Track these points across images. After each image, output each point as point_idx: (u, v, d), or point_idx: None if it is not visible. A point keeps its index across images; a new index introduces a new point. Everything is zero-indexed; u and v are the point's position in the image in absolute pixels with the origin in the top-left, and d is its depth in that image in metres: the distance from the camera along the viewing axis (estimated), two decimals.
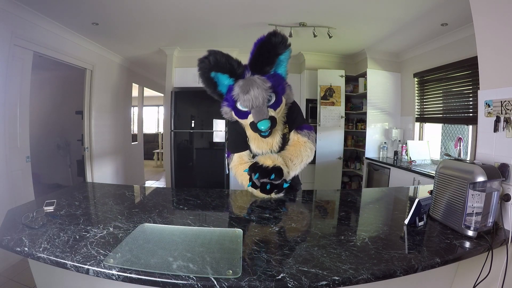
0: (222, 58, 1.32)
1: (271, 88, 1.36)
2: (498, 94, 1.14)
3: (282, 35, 1.33)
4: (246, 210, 1.32)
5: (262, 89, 1.32)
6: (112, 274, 0.75)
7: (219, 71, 1.35)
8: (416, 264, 0.81)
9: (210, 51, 1.33)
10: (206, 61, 1.32)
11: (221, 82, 1.40)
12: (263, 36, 1.32)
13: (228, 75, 1.37)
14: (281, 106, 1.41)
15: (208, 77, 1.37)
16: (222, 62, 1.32)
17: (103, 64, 3.81)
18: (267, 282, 0.71)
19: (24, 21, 2.41)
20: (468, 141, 2.81)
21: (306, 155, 1.49)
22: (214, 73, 1.36)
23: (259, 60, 1.36)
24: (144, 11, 2.59)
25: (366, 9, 2.46)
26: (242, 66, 1.38)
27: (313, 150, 1.52)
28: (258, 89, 1.31)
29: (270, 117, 1.33)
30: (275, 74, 1.42)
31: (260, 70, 1.37)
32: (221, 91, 1.43)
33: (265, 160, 1.39)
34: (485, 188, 0.98)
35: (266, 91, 1.33)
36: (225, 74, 1.37)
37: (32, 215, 1.06)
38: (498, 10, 1.16)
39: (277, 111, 1.39)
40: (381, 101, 3.75)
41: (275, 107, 1.38)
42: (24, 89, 2.48)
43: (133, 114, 5.56)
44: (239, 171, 1.57)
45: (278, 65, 1.42)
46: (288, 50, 1.38)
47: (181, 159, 3.78)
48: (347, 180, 4.18)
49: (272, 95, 1.37)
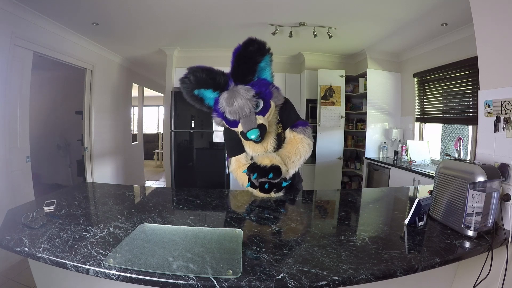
0: (202, 75, 1.32)
1: (256, 95, 1.35)
2: (498, 94, 1.14)
3: (259, 42, 1.31)
4: (246, 210, 1.32)
5: (246, 99, 1.31)
6: (112, 274, 0.75)
7: (202, 87, 1.36)
8: (416, 264, 0.81)
9: (190, 69, 1.33)
10: (187, 81, 1.33)
11: (207, 96, 1.42)
12: (239, 46, 1.32)
13: (211, 90, 1.38)
14: (270, 110, 1.41)
15: (192, 95, 1.40)
16: (202, 78, 1.33)
17: (103, 64, 3.81)
18: (267, 282, 0.71)
19: (24, 21, 2.41)
20: (468, 141, 2.81)
21: (304, 151, 1.48)
22: (197, 91, 1.38)
23: (239, 71, 1.35)
24: (144, 11, 2.59)
25: (366, 9, 2.46)
26: (225, 78, 1.36)
27: (310, 145, 1.51)
28: (242, 100, 1.30)
29: (259, 125, 1.34)
30: (259, 80, 1.41)
31: (242, 79, 1.36)
32: (209, 104, 1.45)
33: (262, 160, 1.40)
34: (485, 188, 0.98)
35: (251, 100, 1.32)
36: (208, 89, 1.38)
37: (32, 215, 1.06)
38: (498, 10, 1.16)
39: (266, 116, 1.39)
40: (381, 101, 3.75)
41: (263, 113, 1.38)
42: (24, 89, 2.48)
43: (133, 114, 5.56)
44: (238, 173, 1.57)
45: (261, 72, 1.41)
46: (266, 56, 1.36)
47: (181, 159, 3.78)
48: (347, 180, 4.18)
49: (260, 101, 1.37)
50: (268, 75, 1.44)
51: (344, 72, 3.78)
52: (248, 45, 1.30)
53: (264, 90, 1.38)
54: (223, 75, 1.36)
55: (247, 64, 1.34)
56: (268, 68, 1.42)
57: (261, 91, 1.37)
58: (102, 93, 3.81)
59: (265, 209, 1.30)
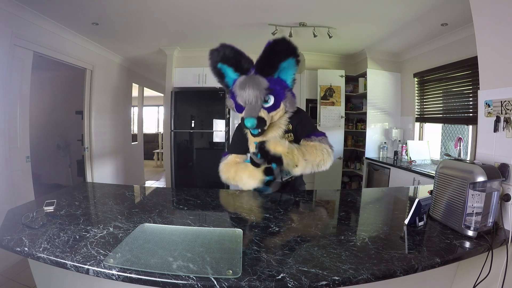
0: (231, 53, 1.42)
1: (269, 90, 1.39)
2: (498, 94, 1.14)
3: (288, 43, 1.36)
4: (246, 210, 1.32)
5: (257, 88, 1.36)
6: (112, 274, 0.75)
7: (225, 63, 1.44)
8: (416, 264, 0.81)
9: (223, 44, 1.43)
10: (215, 53, 1.44)
11: (228, 74, 1.49)
12: (271, 41, 1.37)
13: (233, 69, 1.45)
14: (278, 111, 1.43)
15: (215, 67, 1.48)
16: (229, 56, 1.42)
17: (103, 64, 3.81)
18: (267, 282, 0.71)
19: (24, 21, 2.41)
20: (468, 141, 2.81)
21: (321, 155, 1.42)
22: (221, 65, 1.46)
23: (262, 63, 1.40)
24: (144, 11, 2.59)
25: (366, 9, 2.46)
26: (250, 64, 1.43)
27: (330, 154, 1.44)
28: (254, 87, 1.36)
29: (258, 117, 1.36)
30: (278, 79, 1.44)
31: (263, 71, 1.41)
32: (228, 82, 1.51)
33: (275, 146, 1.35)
34: (485, 188, 0.98)
35: (261, 91, 1.37)
36: (230, 67, 1.45)
37: (32, 215, 1.06)
38: (498, 10, 1.16)
39: (271, 114, 1.42)
40: (381, 101, 3.75)
41: (269, 110, 1.41)
42: (24, 89, 2.48)
43: (133, 114, 5.56)
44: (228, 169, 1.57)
45: (282, 71, 1.44)
46: (291, 59, 1.39)
47: (181, 159, 3.78)
48: (347, 180, 4.18)
49: (270, 97, 1.41)
50: (289, 79, 1.47)
51: (344, 72, 3.77)
52: (278, 42, 1.35)
53: (279, 89, 1.42)
54: (248, 61, 1.43)
55: (271, 59, 1.39)
56: (290, 72, 1.45)
57: (275, 89, 1.41)
58: (102, 93, 3.81)
59: (265, 209, 1.30)
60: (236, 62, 1.43)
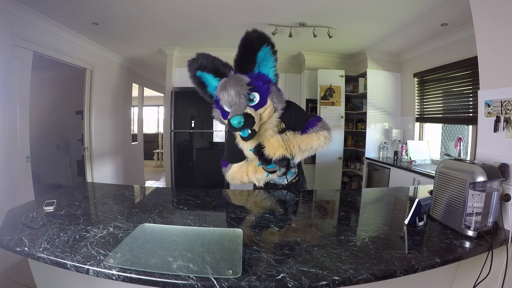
0: (207, 60, 1.40)
1: (251, 86, 1.34)
2: (498, 94, 1.14)
3: (260, 32, 1.33)
4: (246, 210, 1.32)
5: (238, 85, 1.31)
6: (112, 274, 0.75)
7: (204, 70, 1.41)
8: (416, 264, 0.81)
9: (199, 53, 1.42)
10: (192, 62, 1.42)
11: (209, 82, 1.45)
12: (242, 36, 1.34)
13: (213, 75, 1.41)
14: (266, 108, 1.38)
15: (194, 76, 1.44)
16: (205, 62, 1.40)
17: (103, 64, 3.81)
18: (267, 282, 0.71)
19: (24, 21, 2.41)
20: (468, 141, 2.81)
21: (318, 144, 1.42)
22: (200, 73, 1.43)
23: (239, 58, 1.37)
24: (144, 11, 2.59)
25: (366, 9, 2.46)
26: (228, 67, 1.40)
27: (327, 137, 1.45)
28: (235, 85, 1.31)
29: (244, 114, 1.29)
30: (259, 74, 1.41)
31: (242, 68, 1.38)
32: (211, 92, 1.47)
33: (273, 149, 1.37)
34: (485, 188, 0.98)
35: (243, 87, 1.31)
36: (209, 73, 1.41)
37: (32, 215, 1.06)
38: (498, 10, 1.16)
39: (258, 111, 1.36)
40: (381, 101, 3.75)
41: (256, 107, 1.36)
42: (24, 89, 2.48)
43: (133, 114, 5.56)
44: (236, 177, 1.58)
45: (261, 65, 1.41)
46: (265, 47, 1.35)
47: (181, 159, 3.78)
48: (347, 180, 4.18)
49: (255, 95, 1.36)
50: (271, 72, 1.43)
51: (344, 72, 3.78)
52: (250, 33, 1.32)
53: (261, 85, 1.37)
54: (225, 65, 1.41)
55: (246, 51, 1.35)
56: (269, 64, 1.41)
57: (258, 85, 1.36)
58: (102, 93, 3.81)
59: (265, 209, 1.30)
60: (214, 67, 1.39)
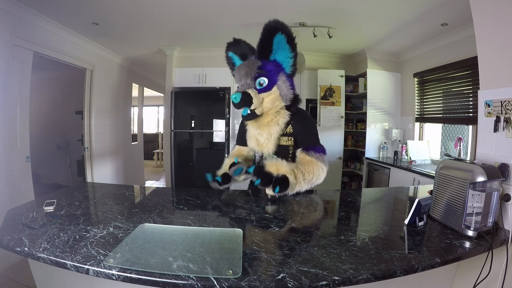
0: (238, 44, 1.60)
1: (262, 71, 1.41)
2: (498, 94, 1.14)
3: (277, 21, 1.37)
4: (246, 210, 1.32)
5: (249, 66, 1.41)
6: (112, 274, 0.75)
7: (234, 52, 1.63)
8: (416, 264, 0.81)
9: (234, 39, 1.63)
10: (228, 44, 1.65)
11: (236, 63, 1.63)
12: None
13: (239, 57, 1.60)
14: (270, 93, 1.42)
15: (227, 56, 1.68)
16: (235, 45, 1.61)
17: (103, 64, 3.82)
18: (267, 282, 0.71)
19: (24, 21, 2.41)
20: (468, 141, 2.81)
21: (318, 174, 1.44)
22: (231, 54, 1.65)
23: (259, 45, 1.44)
24: (144, 11, 2.59)
25: (366, 9, 2.46)
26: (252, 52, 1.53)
27: (324, 171, 1.48)
28: (246, 66, 1.43)
29: (243, 92, 1.38)
30: (274, 61, 1.46)
31: (261, 54, 1.45)
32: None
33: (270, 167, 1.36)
34: (485, 188, 0.98)
35: (252, 69, 1.40)
36: (237, 55, 1.61)
37: (32, 215, 1.06)
38: (498, 10, 1.16)
39: (261, 95, 1.41)
40: (381, 101, 3.75)
41: (260, 91, 1.41)
42: (24, 89, 2.48)
43: (133, 114, 5.56)
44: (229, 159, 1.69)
45: (277, 53, 1.44)
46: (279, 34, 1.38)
47: (181, 159, 3.78)
48: (347, 180, 4.18)
49: (264, 79, 1.41)
50: (287, 62, 1.46)
51: (344, 72, 3.78)
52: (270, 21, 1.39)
53: (272, 71, 1.43)
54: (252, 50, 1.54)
55: (264, 38, 1.41)
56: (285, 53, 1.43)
57: (267, 70, 1.42)
58: (102, 93, 3.81)
59: (265, 209, 1.30)
60: (242, 51, 1.56)
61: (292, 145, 1.52)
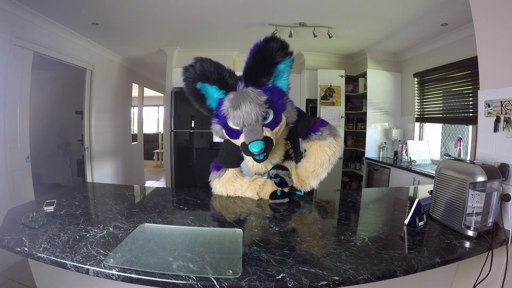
0: (210, 67, 1.15)
1: (267, 103, 1.16)
2: (498, 94, 1.14)
3: (282, 41, 1.15)
4: (246, 210, 1.32)
5: (255, 104, 1.12)
6: (112, 274, 0.75)
7: (206, 81, 1.18)
8: (416, 264, 0.81)
9: (197, 58, 1.17)
10: (191, 70, 1.16)
11: (210, 95, 1.24)
12: (259, 42, 1.14)
13: (217, 87, 1.20)
14: (281, 125, 1.22)
15: (194, 88, 1.21)
16: (209, 71, 1.15)
17: (103, 64, 3.81)
18: (267, 282, 0.71)
19: (24, 21, 2.41)
20: (468, 141, 2.81)
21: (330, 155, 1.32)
22: (201, 84, 1.20)
23: (253, 69, 1.17)
24: (144, 11, 2.59)
25: (366, 9, 2.46)
26: (235, 77, 1.20)
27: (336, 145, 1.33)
28: (251, 103, 1.12)
29: (264, 138, 1.14)
30: (274, 87, 1.23)
31: (255, 81, 1.19)
32: (211, 105, 1.27)
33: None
34: (485, 188, 0.98)
35: (261, 106, 1.13)
36: (213, 85, 1.20)
37: (32, 215, 1.06)
38: (498, 10, 1.16)
39: (274, 131, 1.20)
40: (381, 101, 3.75)
41: (272, 127, 1.19)
42: (24, 89, 2.48)
43: (133, 114, 5.56)
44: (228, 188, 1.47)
45: (277, 77, 1.23)
46: (288, 59, 1.19)
47: (181, 159, 3.78)
48: (347, 180, 4.18)
49: (269, 112, 1.19)
50: (285, 84, 1.26)
51: (344, 72, 3.78)
52: (269, 41, 1.13)
53: (277, 100, 1.20)
54: (232, 74, 1.19)
55: (265, 62, 1.16)
56: (285, 76, 1.25)
57: (273, 101, 1.19)
58: (102, 93, 3.81)
59: (265, 209, 1.30)
60: (219, 77, 1.16)
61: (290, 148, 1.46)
